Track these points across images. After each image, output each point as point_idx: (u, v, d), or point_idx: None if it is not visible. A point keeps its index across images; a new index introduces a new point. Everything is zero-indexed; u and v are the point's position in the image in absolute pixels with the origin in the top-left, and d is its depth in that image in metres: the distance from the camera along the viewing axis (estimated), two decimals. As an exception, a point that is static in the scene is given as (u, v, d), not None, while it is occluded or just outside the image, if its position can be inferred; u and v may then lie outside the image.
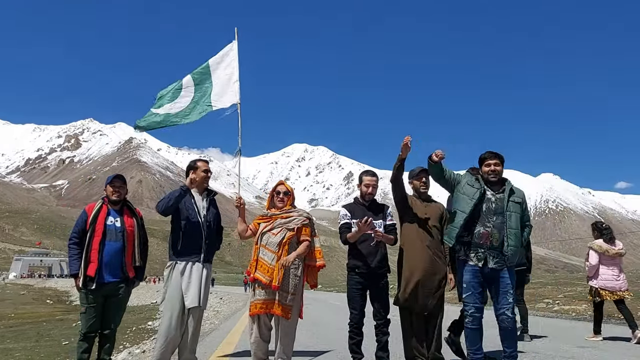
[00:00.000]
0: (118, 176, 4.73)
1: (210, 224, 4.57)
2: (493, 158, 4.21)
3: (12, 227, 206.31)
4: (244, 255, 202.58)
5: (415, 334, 4.40)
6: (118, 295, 4.52)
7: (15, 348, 12.26)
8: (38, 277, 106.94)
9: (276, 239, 4.30)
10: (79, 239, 4.45)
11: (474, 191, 4.15)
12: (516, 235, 4.10)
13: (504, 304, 4.06)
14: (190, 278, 4.37)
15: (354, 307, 4.40)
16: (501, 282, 4.08)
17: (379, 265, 4.38)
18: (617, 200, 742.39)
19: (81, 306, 4.47)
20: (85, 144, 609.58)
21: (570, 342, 6.64)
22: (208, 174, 4.65)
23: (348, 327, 4.45)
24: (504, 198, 4.13)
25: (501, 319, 4.07)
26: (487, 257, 4.08)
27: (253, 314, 4.29)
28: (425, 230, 4.43)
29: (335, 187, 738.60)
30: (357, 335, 4.40)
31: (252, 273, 4.34)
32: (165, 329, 4.32)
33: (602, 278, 6.96)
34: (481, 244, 4.09)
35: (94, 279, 4.32)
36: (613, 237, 7.05)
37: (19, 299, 41.25)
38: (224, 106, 5.45)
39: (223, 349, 5.90)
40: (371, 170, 4.88)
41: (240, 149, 5.18)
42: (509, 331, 4.07)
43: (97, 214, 4.47)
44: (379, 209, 4.55)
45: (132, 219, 4.65)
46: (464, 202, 4.16)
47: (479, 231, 4.09)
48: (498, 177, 4.20)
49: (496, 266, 4.07)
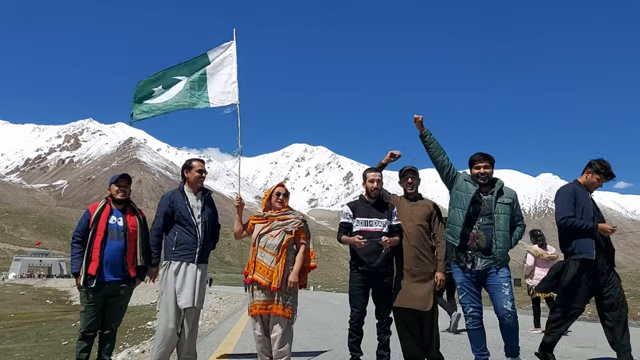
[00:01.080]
0: (124, 175, 4.73)
1: (205, 224, 4.55)
2: (483, 160, 4.20)
3: (11, 227, 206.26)
4: (243, 255, 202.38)
5: (411, 334, 4.40)
6: (119, 295, 4.52)
7: (14, 348, 12.26)
8: (37, 277, 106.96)
9: (275, 241, 4.30)
10: (81, 238, 4.44)
11: (471, 187, 4.18)
12: (505, 236, 4.09)
13: (500, 298, 4.02)
14: (184, 278, 4.36)
15: (355, 305, 4.38)
16: (493, 278, 4.07)
17: (382, 263, 4.33)
18: (616, 200, 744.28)
19: (81, 305, 4.46)
20: (85, 144, 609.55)
21: (570, 342, 6.63)
22: (202, 174, 4.63)
23: (348, 325, 4.44)
24: (492, 199, 4.14)
25: (501, 314, 4.02)
26: (474, 259, 4.09)
27: (254, 315, 4.31)
28: (409, 229, 4.40)
29: (335, 187, 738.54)
30: (357, 334, 4.39)
31: (251, 274, 4.33)
32: (162, 329, 4.32)
33: (537, 278, 8.06)
34: (468, 246, 4.12)
35: (94, 277, 4.32)
36: (545, 243, 8.28)
37: (19, 299, 41.21)
38: (222, 104, 5.47)
39: (222, 349, 5.90)
40: (374, 167, 4.80)
41: (241, 150, 5.19)
42: (510, 326, 4.02)
43: (100, 213, 4.47)
44: (384, 208, 4.47)
45: (135, 218, 4.64)
46: (463, 199, 4.18)
47: (466, 232, 4.13)
48: (488, 179, 4.21)
49: (484, 267, 4.08)
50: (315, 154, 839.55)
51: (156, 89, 5.52)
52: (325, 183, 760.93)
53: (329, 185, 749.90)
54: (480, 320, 4.13)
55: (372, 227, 4.35)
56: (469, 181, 4.23)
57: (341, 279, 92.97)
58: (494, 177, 4.27)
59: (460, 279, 4.18)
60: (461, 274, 4.17)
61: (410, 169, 4.56)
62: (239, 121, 5.28)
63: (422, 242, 4.40)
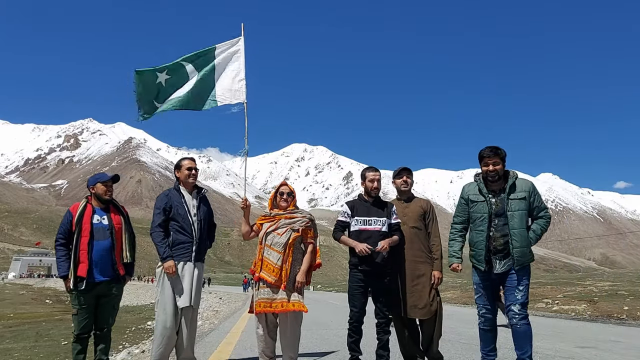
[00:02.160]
0: (116, 177, 4.67)
1: (201, 223, 4.54)
2: (492, 157, 3.99)
3: (11, 227, 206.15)
4: (243, 255, 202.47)
5: (410, 334, 4.41)
6: (110, 295, 4.48)
7: (14, 348, 12.25)
8: (37, 277, 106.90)
9: (282, 239, 4.31)
10: (65, 240, 4.37)
11: (483, 208, 4.04)
12: (521, 234, 3.91)
13: (510, 300, 3.94)
14: (181, 278, 4.35)
15: (355, 305, 4.35)
16: (509, 280, 3.97)
17: (381, 263, 4.31)
18: (616, 200, 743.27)
19: (72, 308, 4.41)
20: (85, 143, 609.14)
21: (570, 342, 6.63)
22: (192, 172, 4.61)
23: (348, 324, 4.41)
24: (504, 197, 3.99)
25: (509, 317, 3.95)
26: (492, 261, 3.98)
27: (258, 313, 4.29)
28: (404, 233, 4.42)
29: (335, 187, 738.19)
30: (356, 334, 4.35)
31: (257, 272, 4.32)
32: (160, 329, 4.31)
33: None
34: (489, 250, 4.00)
35: (84, 279, 4.26)
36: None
37: (18, 299, 41.21)
38: (229, 102, 5.34)
39: (222, 349, 5.89)
40: (372, 167, 4.78)
41: (247, 150, 5.03)
42: (517, 331, 3.91)
43: (82, 213, 4.39)
44: (383, 207, 4.47)
45: (119, 215, 4.59)
46: (480, 221, 4.05)
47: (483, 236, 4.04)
48: (498, 176, 4.03)
49: (503, 269, 3.95)
50: (315, 154, 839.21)
51: (160, 74, 5.32)
52: (325, 183, 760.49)
53: (329, 185, 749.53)
54: (492, 322, 4.07)
55: (372, 227, 4.35)
56: (476, 200, 4.09)
57: (341, 278, 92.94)
58: (507, 170, 4.09)
59: (476, 279, 4.13)
60: (477, 275, 4.11)
61: (406, 168, 4.61)
62: (246, 120, 5.10)
63: (417, 243, 4.43)
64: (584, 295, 16.14)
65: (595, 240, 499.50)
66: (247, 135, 5.03)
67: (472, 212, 4.13)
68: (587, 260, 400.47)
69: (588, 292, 17.46)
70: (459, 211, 4.28)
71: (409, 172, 4.60)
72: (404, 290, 4.36)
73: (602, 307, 12.81)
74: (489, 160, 4.02)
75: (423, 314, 4.32)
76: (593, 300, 14.29)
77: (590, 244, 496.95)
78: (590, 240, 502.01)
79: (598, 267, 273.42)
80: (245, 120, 5.11)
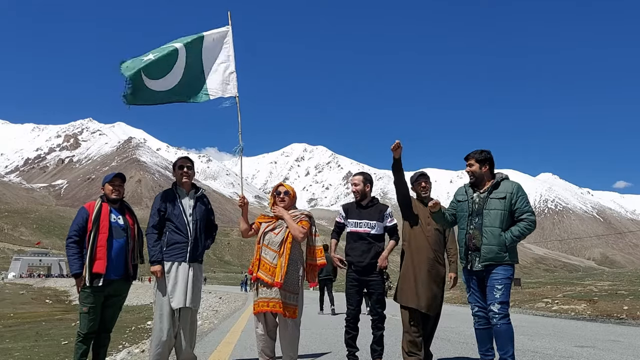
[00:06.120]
0: (118, 175, 4.67)
1: (197, 223, 4.50)
2: (469, 159, 4.21)
3: (11, 226, 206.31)
4: (243, 255, 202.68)
5: (415, 330, 4.48)
6: (120, 294, 4.48)
7: (14, 348, 12.26)
8: (37, 276, 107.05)
9: (278, 238, 4.32)
10: (79, 237, 4.35)
11: (465, 206, 4.18)
12: (492, 232, 3.96)
13: (489, 299, 3.98)
14: (175, 279, 4.32)
15: (351, 302, 4.56)
16: (489, 278, 4.01)
17: (373, 262, 4.49)
18: (616, 200, 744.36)
19: (82, 306, 4.34)
20: (85, 143, 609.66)
21: (570, 341, 6.64)
22: (184, 170, 4.58)
23: (345, 322, 4.61)
24: (485, 196, 4.11)
25: (490, 316, 3.97)
26: (472, 260, 4.09)
27: (257, 312, 4.30)
28: (427, 233, 4.55)
29: (335, 186, 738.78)
30: (353, 330, 4.56)
31: (255, 272, 4.33)
32: (157, 330, 4.30)
33: None
34: (468, 247, 4.13)
35: (102, 275, 4.24)
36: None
37: (18, 299, 41.27)
38: (221, 95, 5.15)
39: (222, 349, 5.89)
40: (364, 171, 5.00)
41: (242, 147, 4.90)
42: (497, 330, 3.92)
43: (99, 211, 4.40)
44: (376, 210, 4.60)
45: (132, 217, 4.63)
46: (462, 219, 4.20)
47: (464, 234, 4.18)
48: (475, 177, 4.18)
49: (481, 267, 4.02)
50: (314, 154, 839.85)
51: (146, 57, 4.83)
52: (325, 183, 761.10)
53: (329, 185, 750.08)
54: (486, 320, 4.09)
55: (361, 229, 4.56)
56: (461, 200, 4.25)
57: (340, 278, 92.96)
58: (497, 172, 4.20)
59: (464, 277, 4.25)
60: (465, 273, 4.23)
61: (423, 174, 4.74)
62: (239, 115, 4.94)
63: (438, 245, 4.59)
64: (584, 294, 16.17)
65: (595, 240, 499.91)
66: (240, 131, 4.88)
67: (457, 211, 4.29)
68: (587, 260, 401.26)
69: (588, 291, 17.49)
70: (448, 207, 4.45)
71: (426, 177, 4.73)
72: (424, 288, 4.44)
73: (602, 306, 12.81)
74: (466, 162, 4.26)
75: (434, 310, 4.50)
76: (593, 299, 14.30)
77: (590, 244, 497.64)
78: (590, 240, 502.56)
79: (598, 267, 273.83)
80: (238, 115, 4.94)
